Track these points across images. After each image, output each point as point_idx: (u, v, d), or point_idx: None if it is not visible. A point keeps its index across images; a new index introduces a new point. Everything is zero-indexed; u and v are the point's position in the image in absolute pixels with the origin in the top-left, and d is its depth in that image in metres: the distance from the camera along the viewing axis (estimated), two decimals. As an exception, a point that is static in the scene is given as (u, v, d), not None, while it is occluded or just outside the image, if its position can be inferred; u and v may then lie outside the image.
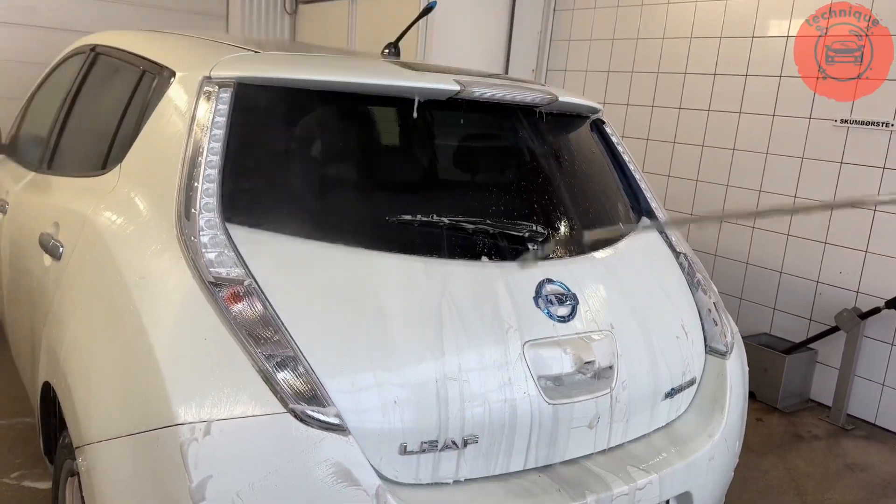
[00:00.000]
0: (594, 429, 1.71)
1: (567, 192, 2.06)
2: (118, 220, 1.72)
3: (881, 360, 3.74)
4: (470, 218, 1.77)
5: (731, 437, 1.95)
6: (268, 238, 1.54)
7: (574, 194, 2.08)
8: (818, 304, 4.00)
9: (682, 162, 4.63)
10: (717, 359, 2.00)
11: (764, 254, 4.24)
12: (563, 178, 2.10)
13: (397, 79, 1.79)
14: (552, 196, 1.99)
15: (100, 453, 1.46)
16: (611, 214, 2.14)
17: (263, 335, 1.43)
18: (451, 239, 1.71)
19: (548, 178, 2.05)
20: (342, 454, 1.40)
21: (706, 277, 2.12)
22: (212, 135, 1.57)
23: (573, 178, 2.13)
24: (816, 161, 3.95)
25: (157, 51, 2.07)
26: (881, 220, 3.73)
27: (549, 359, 1.65)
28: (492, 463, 1.59)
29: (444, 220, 1.72)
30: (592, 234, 1.91)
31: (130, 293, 1.52)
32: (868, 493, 3.11)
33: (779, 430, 3.66)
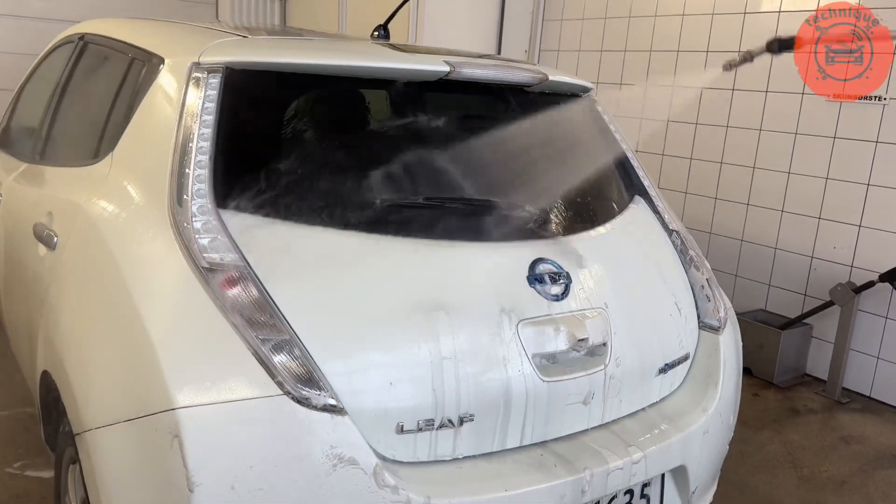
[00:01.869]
0: (589, 405, 1.72)
1: (560, 171, 2.07)
2: (111, 208, 1.72)
3: (876, 334, 3.77)
4: (463, 199, 1.78)
5: (725, 411, 1.97)
6: (261, 223, 1.55)
7: (567, 173, 2.09)
8: (813, 280, 4.02)
9: (676, 140, 4.63)
10: (711, 334, 2.02)
11: (758, 230, 4.25)
12: (556, 157, 2.10)
13: (386, 61, 1.79)
14: (545, 176, 2.00)
15: (99, 440, 1.48)
16: (603, 193, 2.14)
17: (259, 319, 1.44)
18: (444, 220, 1.71)
19: (540, 157, 2.06)
20: (339, 434, 1.41)
21: (699, 254, 2.13)
22: (202, 121, 1.57)
23: (565, 158, 2.14)
24: (809, 136, 3.96)
25: (146, 38, 2.06)
26: (874, 195, 3.74)
27: (544, 337, 1.67)
28: (488, 440, 1.61)
29: (437, 201, 1.73)
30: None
31: (125, 280, 1.53)
32: (863, 465, 3.15)
33: (775, 405, 3.70)
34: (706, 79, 4.43)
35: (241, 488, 1.35)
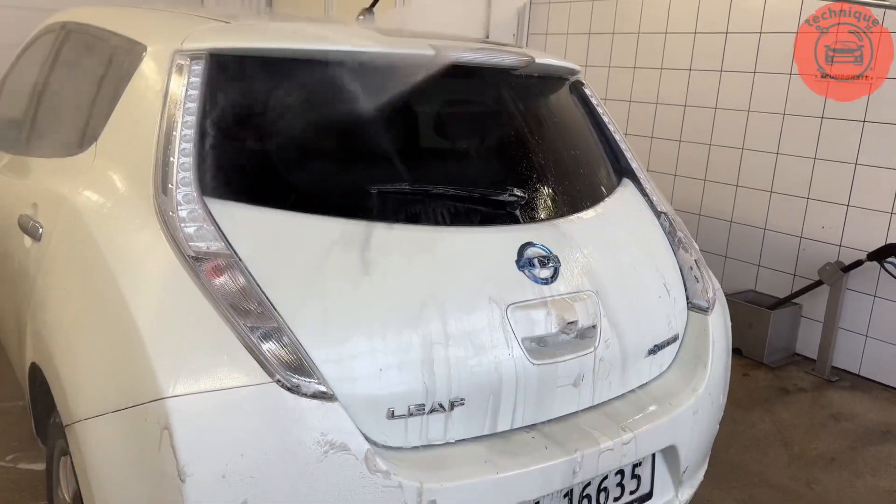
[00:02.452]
0: (579, 387, 1.73)
1: (547, 154, 2.07)
2: (96, 198, 1.71)
3: (864, 312, 3.80)
4: (451, 184, 1.77)
5: (714, 391, 1.98)
6: (247, 210, 1.54)
7: (554, 157, 2.09)
8: (802, 260, 4.04)
9: (665, 123, 4.63)
10: (700, 315, 2.03)
11: (747, 211, 4.27)
12: (543, 140, 2.10)
13: (371, 45, 1.78)
14: (533, 159, 1.99)
15: (89, 431, 1.47)
16: (591, 176, 2.14)
17: (247, 307, 1.43)
18: (433, 205, 1.71)
19: (528, 141, 2.05)
20: (330, 421, 1.42)
21: (687, 235, 2.14)
22: (185, 108, 1.56)
23: (553, 141, 2.13)
24: (797, 117, 3.97)
25: (128, 25, 2.04)
26: (862, 174, 3.75)
27: (533, 320, 1.67)
28: (479, 424, 1.62)
29: (425, 186, 1.72)
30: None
31: (112, 271, 1.52)
32: (852, 442, 3.18)
33: (765, 385, 3.73)
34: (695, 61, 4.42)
35: (232, 477, 1.35)
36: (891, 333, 3.71)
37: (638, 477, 1.83)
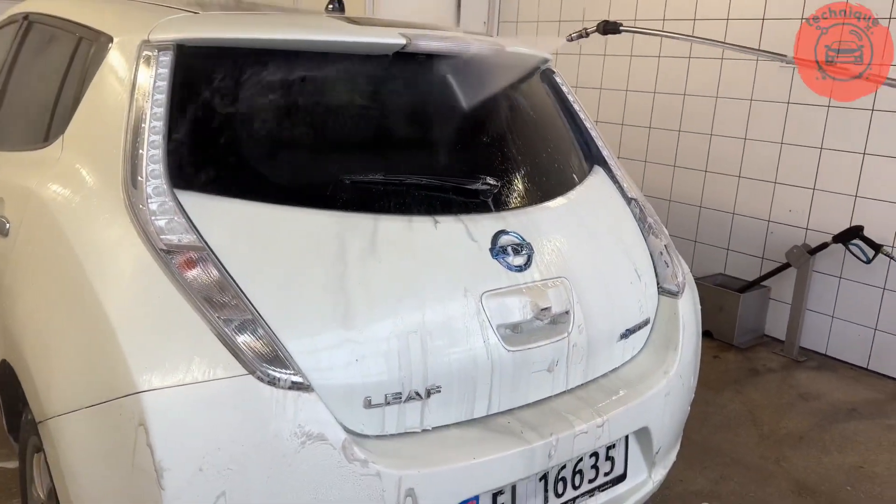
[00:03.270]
0: (554, 372, 1.76)
1: (519, 143, 2.08)
2: (64, 192, 1.68)
3: (830, 294, 3.89)
4: (423, 173, 1.78)
5: (685, 373, 2.02)
6: (219, 202, 1.53)
7: (526, 145, 2.10)
8: (770, 243, 4.12)
9: (635, 110, 4.67)
10: (670, 299, 2.06)
11: (716, 196, 4.33)
12: (515, 129, 2.11)
13: (341, 34, 1.77)
14: (505, 148, 2.00)
15: (63, 427, 1.46)
16: (563, 163, 2.16)
17: (220, 300, 1.43)
18: (405, 195, 1.71)
19: (500, 130, 2.06)
20: (307, 411, 1.42)
21: (657, 221, 2.17)
22: (154, 100, 1.54)
23: (525, 129, 2.15)
24: (764, 102, 4.03)
25: (93, 16, 2.00)
26: (827, 158, 3.83)
27: (507, 307, 1.69)
28: (456, 411, 1.63)
29: (397, 176, 1.73)
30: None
31: (82, 265, 1.50)
32: (820, 420, 3.26)
33: (735, 366, 3.80)
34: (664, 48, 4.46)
35: (209, 470, 1.35)
36: (856, 314, 3.81)
37: (612, 459, 1.86)
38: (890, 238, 3.62)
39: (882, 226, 3.63)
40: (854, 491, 2.72)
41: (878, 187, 3.65)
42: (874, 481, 2.79)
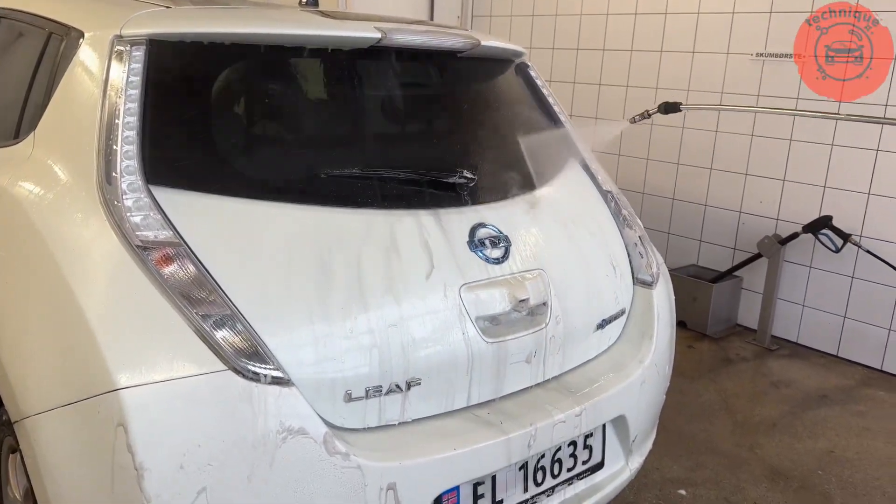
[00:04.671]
0: (532, 363, 1.77)
1: (496, 136, 2.09)
2: (37, 189, 1.66)
3: (801, 283, 3.96)
4: (400, 167, 1.78)
5: (660, 362, 2.05)
6: (195, 198, 1.52)
7: (503, 138, 2.11)
8: (741, 234, 4.18)
9: (609, 104, 4.71)
10: (645, 289, 2.09)
11: (689, 188, 4.39)
12: (491, 122, 2.12)
13: (316, 28, 1.77)
14: (481, 141, 2.02)
15: (40, 426, 1.44)
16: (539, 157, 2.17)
17: (198, 296, 1.42)
18: (382, 189, 1.72)
19: (476, 123, 2.07)
20: (287, 406, 1.42)
21: (632, 213, 2.20)
22: (127, 95, 1.53)
23: (501, 123, 2.16)
24: (735, 95, 4.08)
25: (63, 10, 1.97)
26: (796, 149, 3.90)
27: (486, 300, 1.70)
28: (436, 402, 1.64)
29: (375, 170, 1.73)
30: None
31: (57, 263, 1.49)
32: (792, 407, 3.33)
33: (709, 356, 3.86)
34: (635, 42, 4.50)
35: (190, 467, 1.34)
36: (826, 302, 3.88)
37: (590, 447, 1.89)
38: (858, 227, 3.69)
39: (850, 215, 3.71)
40: (825, 475, 2.79)
41: (846, 178, 3.72)
42: (844, 466, 2.86)
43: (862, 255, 3.69)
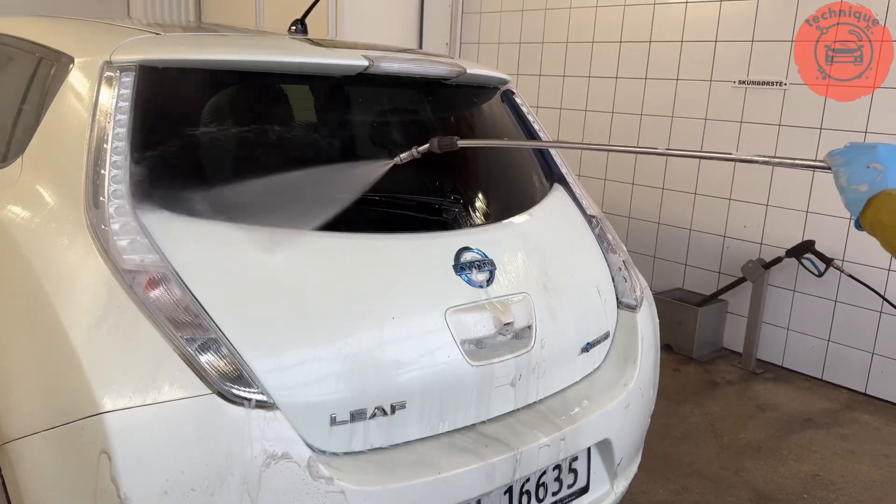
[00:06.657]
0: (516, 386, 1.78)
1: (481, 162, 2.12)
2: (24, 212, 1.67)
3: (785, 306, 4.00)
4: (388, 192, 1.80)
5: (644, 385, 2.07)
6: (182, 222, 1.54)
7: (488, 164, 2.14)
8: (726, 258, 4.22)
9: (594, 130, 4.76)
10: (629, 313, 2.11)
11: (674, 213, 4.43)
12: (477, 149, 2.15)
13: (304, 56, 1.79)
14: (468, 167, 2.05)
15: (22, 450, 1.43)
16: (524, 182, 2.21)
17: (183, 319, 1.43)
18: (369, 213, 1.74)
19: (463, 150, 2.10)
20: (272, 430, 1.42)
21: (615, 238, 2.22)
22: (116, 120, 1.55)
23: (486, 149, 2.19)
24: (718, 121, 4.15)
25: (54, 36, 2.00)
26: (779, 175, 3.95)
27: (471, 323, 1.71)
28: (421, 426, 1.65)
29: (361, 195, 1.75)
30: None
31: (43, 286, 1.49)
32: (777, 430, 3.34)
33: (695, 379, 3.88)
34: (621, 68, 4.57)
35: (174, 492, 1.34)
36: (810, 326, 3.92)
37: (575, 471, 1.89)
38: (840, 251, 3.74)
39: (832, 240, 3.75)
40: (811, 498, 2.79)
41: (829, 203, 3.77)
42: (829, 489, 2.87)
43: (844, 280, 3.73)
